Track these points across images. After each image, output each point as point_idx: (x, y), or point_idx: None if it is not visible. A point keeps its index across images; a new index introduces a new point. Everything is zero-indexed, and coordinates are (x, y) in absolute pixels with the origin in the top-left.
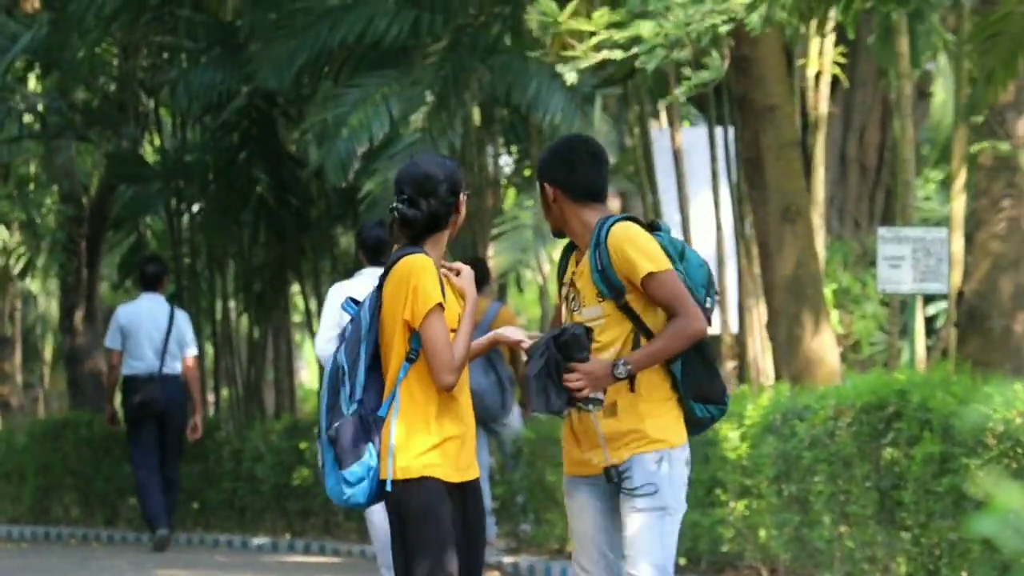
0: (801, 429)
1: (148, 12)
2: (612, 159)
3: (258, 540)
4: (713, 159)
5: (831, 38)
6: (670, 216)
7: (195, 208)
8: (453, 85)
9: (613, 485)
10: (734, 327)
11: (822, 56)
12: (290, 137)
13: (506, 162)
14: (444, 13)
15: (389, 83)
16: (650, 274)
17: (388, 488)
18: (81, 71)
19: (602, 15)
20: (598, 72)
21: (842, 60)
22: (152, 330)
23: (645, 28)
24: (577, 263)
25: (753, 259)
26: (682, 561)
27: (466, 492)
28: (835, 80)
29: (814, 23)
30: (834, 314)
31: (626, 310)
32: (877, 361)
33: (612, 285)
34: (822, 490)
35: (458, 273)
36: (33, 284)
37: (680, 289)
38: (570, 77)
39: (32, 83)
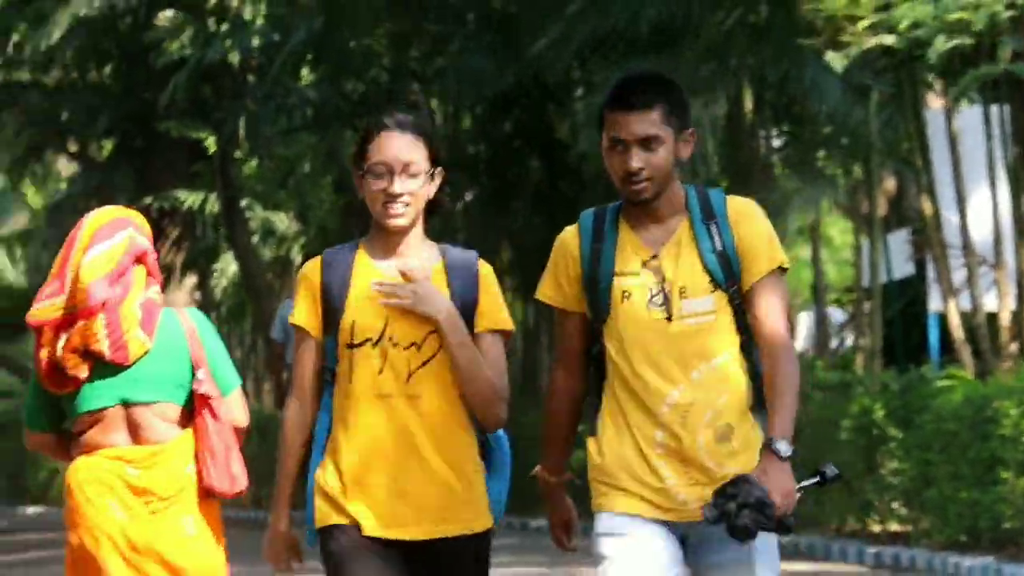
0: None
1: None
2: (884, 142)
3: None
4: (989, 139)
5: None
6: (945, 197)
7: (468, 197)
8: (720, 70)
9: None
10: (1013, 304)
11: None
12: (560, 123)
13: (777, 144)
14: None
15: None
16: (781, 269)
17: None
18: (353, 62)
19: None
20: (871, 62)
21: None
22: None
23: (922, 11)
24: (649, 246)
25: None
26: (962, 538)
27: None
28: None
29: None
30: None
31: (737, 307)
32: None
33: (731, 271)
34: None
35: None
36: None
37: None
38: (838, 64)
39: (304, 74)
